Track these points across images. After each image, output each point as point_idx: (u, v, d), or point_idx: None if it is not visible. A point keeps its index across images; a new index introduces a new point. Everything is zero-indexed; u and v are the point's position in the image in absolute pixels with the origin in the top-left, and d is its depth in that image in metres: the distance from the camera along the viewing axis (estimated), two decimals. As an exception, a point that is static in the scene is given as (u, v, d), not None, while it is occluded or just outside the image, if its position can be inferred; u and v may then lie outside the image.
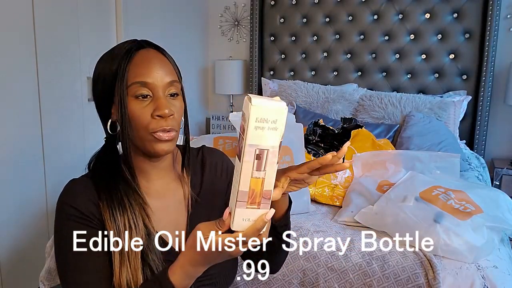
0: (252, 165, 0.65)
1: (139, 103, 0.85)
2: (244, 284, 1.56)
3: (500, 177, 2.75)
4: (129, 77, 0.85)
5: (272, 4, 3.33)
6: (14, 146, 1.97)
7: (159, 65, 0.87)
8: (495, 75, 2.90)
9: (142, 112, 0.85)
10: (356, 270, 1.50)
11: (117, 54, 0.88)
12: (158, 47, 0.92)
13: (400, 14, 3.04)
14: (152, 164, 0.92)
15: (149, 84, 0.85)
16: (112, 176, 0.89)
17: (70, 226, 0.83)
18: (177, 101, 0.89)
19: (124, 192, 0.87)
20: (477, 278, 1.42)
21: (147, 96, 0.86)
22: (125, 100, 0.85)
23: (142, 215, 0.87)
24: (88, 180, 0.89)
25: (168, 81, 0.87)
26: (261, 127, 0.63)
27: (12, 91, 1.94)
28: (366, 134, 2.31)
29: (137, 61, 0.86)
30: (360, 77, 3.19)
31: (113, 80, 0.86)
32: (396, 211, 1.61)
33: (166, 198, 0.94)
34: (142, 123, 0.85)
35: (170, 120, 0.86)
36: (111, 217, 0.84)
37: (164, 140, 0.86)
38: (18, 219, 1.99)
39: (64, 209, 0.84)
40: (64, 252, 0.83)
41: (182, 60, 3.67)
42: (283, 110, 0.63)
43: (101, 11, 2.43)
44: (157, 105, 0.85)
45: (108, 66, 0.88)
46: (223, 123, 3.58)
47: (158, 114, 0.85)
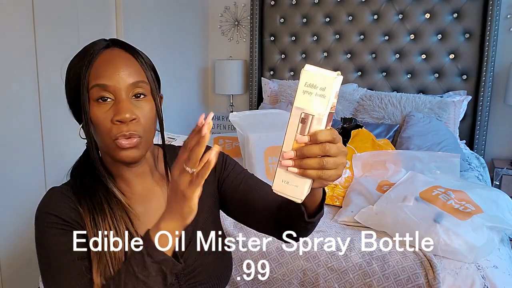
0: (296, 127, 0.64)
1: (101, 107, 0.80)
2: (244, 284, 1.56)
3: (500, 177, 2.75)
4: (90, 79, 0.80)
5: (272, 4, 3.33)
6: (14, 146, 1.97)
7: (122, 65, 0.81)
8: (495, 75, 2.90)
9: (104, 117, 0.80)
10: (356, 270, 1.50)
11: (82, 54, 0.83)
12: (127, 46, 0.86)
13: (400, 14, 3.04)
14: (129, 170, 0.88)
15: (109, 86, 0.80)
16: (92, 183, 0.85)
17: (52, 233, 0.79)
18: (145, 103, 0.83)
19: (104, 198, 0.83)
20: (477, 278, 1.42)
21: (107, 99, 0.80)
22: (85, 104, 0.80)
23: (125, 219, 0.83)
24: (68, 188, 0.85)
25: (132, 82, 0.81)
26: (309, 92, 0.63)
27: (12, 91, 1.94)
28: (366, 134, 2.30)
29: (99, 63, 0.81)
30: (360, 77, 3.19)
31: (77, 83, 0.81)
32: (396, 211, 1.61)
33: (150, 202, 0.90)
34: (104, 129, 0.80)
35: (132, 125, 0.80)
36: (92, 223, 0.80)
37: (126, 148, 0.80)
38: (18, 219, 1.99)
39: (43, 217, 0.81)
40: (47, 259, 0.79)
41: (182, 60, 3.68)
42: (332, 79, 0.62)
43: (101, 11, 2.43)
44: (118, 109, 0.79)
45: (74, 68, 0.83)
46: (223, 123, 3.58)
47: (117, 119, 0.79)
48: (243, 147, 2.07)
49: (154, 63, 0.90)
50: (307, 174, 0.64)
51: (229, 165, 0.98)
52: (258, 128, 2.06)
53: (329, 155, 0.63)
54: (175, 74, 3.16)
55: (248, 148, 2.00)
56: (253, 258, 1.58)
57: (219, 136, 2.60)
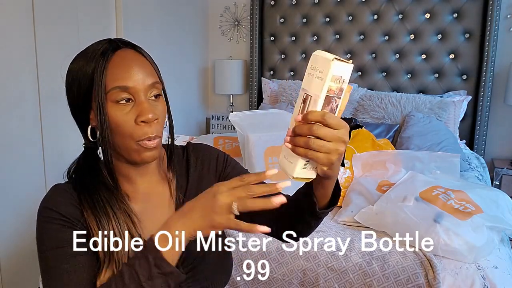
0: (299, 108, 0.68)
1: (121, 109, 0.80)
2: (244, 284, 1.56)
3: (500, 177, 2.75)
4: (107, 82, 0.79)
5: (272, 4, 3.33)
6: (14, 146, 1.97)
7: (138, 66, 0.82)
8: (495, 75, 2.90)
9: (124, 119, 0.80)
10: (356, 270, 1.50)
11: (91, 56, 0.82)
12: (136, 46, 0.86)
13: (400, 14, 3.04)
14: (136, 170, 0.89)
15: (130, 88, 0.80)
16: (94, 184, 0.84)
17: (49, 227, 0.80)
18: (160, 104, 0.84)
19: (106, 200, 0.83)
20: (477, 278, 1.42)
21: (129, 100, 0.80)
22: (104, 106, 0.79)
23: (127, 222, 0.83)
24: (71, 186, 0.85)
25: (150, 83, 0.82)
26: (311, 74, 0.66)
27: (12, 91, 1.94)
28: (366, 134, 2.30)
29: (114, 64, 0.80)
30: (360, 77, 3.19)
31: (89, 84, 0.80)
32: (396, 211, 1.61)
33: (152, 201, 0.90)
34: (126, 130, 0.80)
35: (154, 125, 0.81)
36: (97, 226, 0.80)
37: (150, 148, 0.82)
38: (18, 219, 1.99)
39: (45, 212, 0.81)
40: (44, 253, 0.80)
41: (182, 60, 3.68)
42: (329, 62, 0.63)
43: (101, 11, 2.43)
44: (141, 110, 0.80)
45: (82, 70, 0.82)
46: (223, 123, 3.58)
47: (142, 119, 0.80)
48: (243, 147, 2.07)
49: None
50: (295, 150, 0.67)
51: (230, 164, 0.98)
52: (258, 128, 2.06)
53: (318, 137, 0.65)
54: (175, 74, 3.16)
55: (248, 148, 2.00)
56: (253, 258, 1.58)
57: (219, 136, 2.60)
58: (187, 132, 3.32)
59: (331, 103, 0.65)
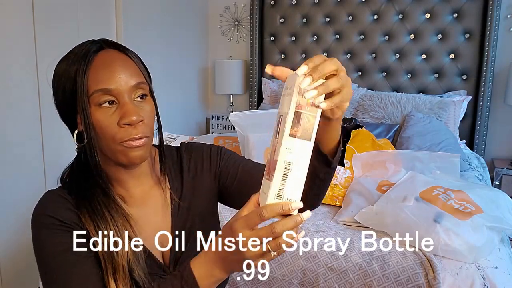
0: (274, 131, 0.64)
1: (104, 112, 0.78)
2: (244, 284, 1.56)
3: (500, 177, 2.75)
4: (89, 84, 0.77)
5: (272, 4, 3.33)
6: (14, 146, 1.97)
7: (121, 67, 0.79)
8: (495, 75, 2.90)
9: (108, 122, 0.78)
10: (356, 270, 1.50)
11: (74, 58, 0.79)
12: (120, 46, 0.84)
13: (400, 14, 3.04)
14: (128, 173, 0.86)
15: (113, 90, 0.77)
16: (90, 188, 0.83)
17: (48, 234, 0.78)
18: (147, 104, 0.82)
19: (104, 204, 0.82)
20: (477, 278, 1.42)
21: (113, 102, 0.78)
22: (87, 110, 0.77)
23: (126, 227, 0.82)
24: (66, 192, 0.83)
25: (134, 84, 0.79)
26: (284, 95, 0.64)
27: (12, 91, 1.94)
28: (366, 134, 2.30)
29: (96, 66, 0.78)
30: (360, 77, 3.18)
31: (73, 88, 0.78)
32: (396, 211, 1.61)
33: (148, 205, 0.89)
34: (110, 133, 0.78)
35: (139, 126, 0.79)
36: (95, 230, 0.79)
37: (136, 147, 0.79)
38: (18, 219, 1.99)
39: (39, 219, 0.79)
40: (45, 260, 0.78)
41: (182, 60, 3.67)
42: (295, 76, 0.60)
43: (101, 11, 2.43)
44: (124, 112, 0.77)
45: (66, 73, 0.79)
46: (223, 123, 3.58)
47: (125, 122, 0.77)
48: (243, 147, 2.07)
49: (154, 63, 0.89)
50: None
51: (224, 155, 0.97)
52: (258, 128, 2.06)
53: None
54: (175, 74, 3.16)
55: (248, 148, 2.00)
56: (253, 258, 1.58)
57: (219, 136, 2.60)
58: (187, 132, 3.32)
59: (302, 121, 0.60)
